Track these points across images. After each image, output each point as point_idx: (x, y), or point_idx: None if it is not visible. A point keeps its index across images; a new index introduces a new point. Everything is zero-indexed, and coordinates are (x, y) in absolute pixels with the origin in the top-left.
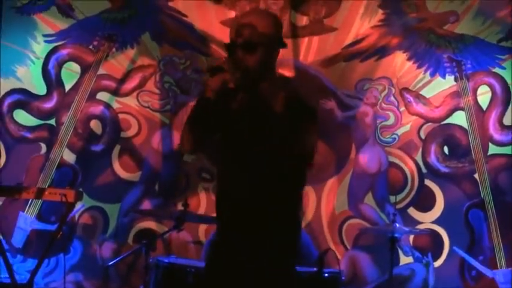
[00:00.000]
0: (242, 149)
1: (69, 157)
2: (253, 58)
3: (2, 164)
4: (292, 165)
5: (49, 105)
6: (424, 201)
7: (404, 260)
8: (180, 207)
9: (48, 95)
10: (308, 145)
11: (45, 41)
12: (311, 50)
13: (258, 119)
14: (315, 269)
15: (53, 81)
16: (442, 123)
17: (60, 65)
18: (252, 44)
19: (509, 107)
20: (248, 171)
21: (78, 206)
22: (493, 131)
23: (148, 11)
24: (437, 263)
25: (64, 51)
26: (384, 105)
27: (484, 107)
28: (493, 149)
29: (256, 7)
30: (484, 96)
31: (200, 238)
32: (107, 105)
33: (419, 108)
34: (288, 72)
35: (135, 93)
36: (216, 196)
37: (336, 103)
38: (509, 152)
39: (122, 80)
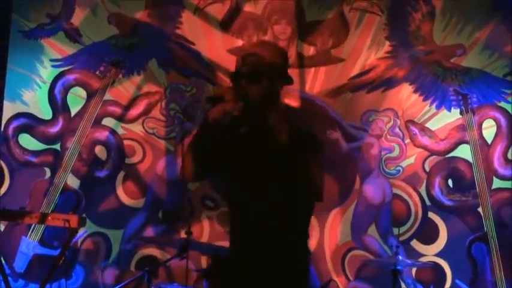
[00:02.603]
0: (249, 181)
1: (73, 182)
2: (256, 88)
3: (6, 188)
4: (299, 200)
5: (54, 129)
6: (428, 233)
7: None
8: (183, 234)
9: (53, 120)
10: (315, 179)
11: (52, 66)
12: (317, 80)
13: (263, 151)
14: None
15: (58, 106)
16: (447, 156)
17: (66, 89)
18: (257, 74)
19: None
20: (256, 203)
21: (81, 231)
22: (498, 165)
23: (156, 38)
24: None
25: (71, 76)
26: (389, 137)
27: (489, 140)
28: (497, 183)
29: (263, 39)
30: (489, 130)
31: (203, 266)
32: (112, 131)
33: (425, 140)
34: (293, 103)
35: (140, 120)
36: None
37: (341, 134)
38: None
39: (128, 106)
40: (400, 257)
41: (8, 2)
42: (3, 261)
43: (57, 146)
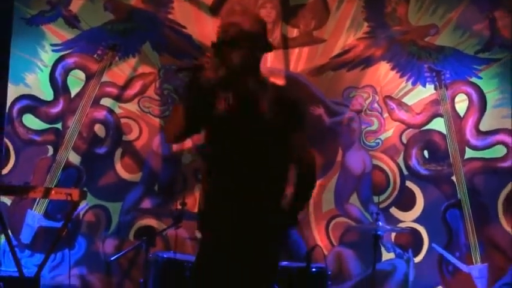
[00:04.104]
0: (229, 148)
1: (75, 159)
2: (236, 54)
3: (11, 165)
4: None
5: (56, 110)
6: (405, 201)
7: (387, 256)
8: (178, 206)
9: (55, 101)
10: (300, 143)
11: (53, 50)
12: (301, 60)
13: (246, 117)
14: (303, 264)
15: (59, 87)
16: (423, 129)
17: (66, 72)
18: (236, 40)
19: (485, 114)
20: (236, 170)
21: (83, 204)
22: (470, 136)
23: (149, 23)
24: (417, 259)
25: (70, 60)
26: (368, 111)
27: (462, 114)
28: (469, 153)
29: (242, 9)
30: (461, 104)
31: (196, 235)
32: (110, 111)
33: (402, 114)
34: (279, 81)
35: (136, 99)
36: (204, 189)
37: (324, 110)
38: (485, 156)
39: (124, 87)
40: (380, 223)
41: None
42: (10, 233)
43: (59, 125)
